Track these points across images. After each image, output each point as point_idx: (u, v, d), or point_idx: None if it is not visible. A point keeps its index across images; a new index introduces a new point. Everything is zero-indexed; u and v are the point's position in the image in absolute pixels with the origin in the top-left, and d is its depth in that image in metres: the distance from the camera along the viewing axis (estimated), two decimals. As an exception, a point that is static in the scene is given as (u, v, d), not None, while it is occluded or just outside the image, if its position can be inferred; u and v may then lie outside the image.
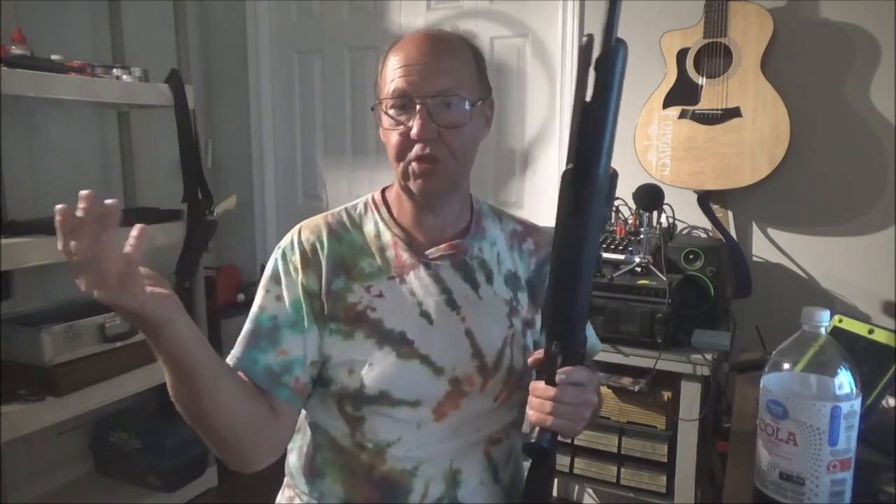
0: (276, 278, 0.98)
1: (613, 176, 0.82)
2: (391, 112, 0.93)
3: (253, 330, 0.96)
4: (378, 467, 0.95)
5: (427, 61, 0.91)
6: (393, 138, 0.93)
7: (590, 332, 1.08)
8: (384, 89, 0.94)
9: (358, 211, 1.04)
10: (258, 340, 0.95)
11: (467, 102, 0.93)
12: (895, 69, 1.91)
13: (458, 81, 0.92)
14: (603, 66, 0.74)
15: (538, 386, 0.86)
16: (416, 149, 0.91)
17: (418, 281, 0.97)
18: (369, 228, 1.01)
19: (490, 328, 0.99)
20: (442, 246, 1.00)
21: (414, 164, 0.93)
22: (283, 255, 0.99)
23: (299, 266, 0.97)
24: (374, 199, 1.05)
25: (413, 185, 0.94)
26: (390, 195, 1.04)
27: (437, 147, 0.91)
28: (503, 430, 1.01)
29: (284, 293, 0.96)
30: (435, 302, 0.97)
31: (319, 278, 0.96)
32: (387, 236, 1.01)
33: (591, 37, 0.73)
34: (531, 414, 0.86)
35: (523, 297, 1.04)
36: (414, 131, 0.90)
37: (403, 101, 0.91)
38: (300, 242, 0.98)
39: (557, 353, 0.84)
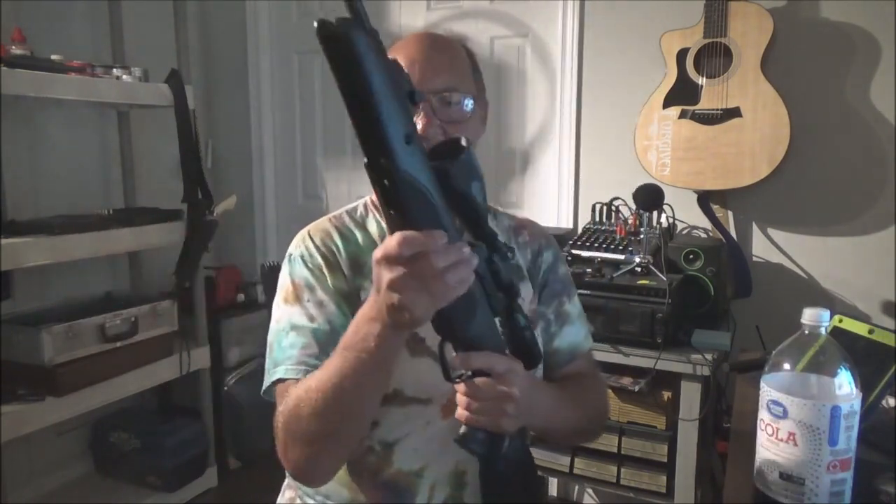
0: (309, 286, 0.95)
1: (454, 148, 0.68)
2: None
3: (316, 343, 0.91)
4: (384, 470, 0.95)
5: (428, 58, 0.93)
6: None
7: (574, 328, 1.08)
8: None
9: (359, 213, 1.04)
10: (325, 352, 0.87)
11: (469, 98, 0.94)
12: (895, 69, 1.91)
13: (458, 78, 0.94)
14: (334, 51, 0.59)
15: (459, 385, 0.81)
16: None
17: None
18: (373, 228, 1.02)
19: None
20: None
21: None
22: (304, 261, 0.97)
23: (325, 269, 0.95)
24: (372, 201, 1.05)
25: None
26: None
27: None
28: None
29: (325, 297, 0.94)
30: None
31: (345, 278, 0.96)
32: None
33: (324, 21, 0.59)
34: (457, 411, 0.82)
35: (525, 288, 1.05)
36: (419, 127, 0.90)
37: None
38: (317, 247, 0.97)
39: (443, 350, 0.78)
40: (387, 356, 0.78)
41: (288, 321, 0.95)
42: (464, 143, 0.67)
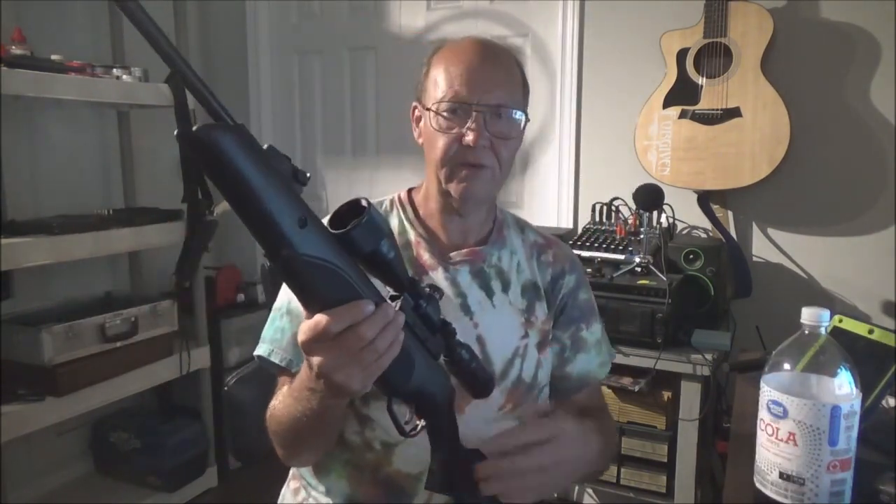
0: None
1: (356, 211, 0.65)
2: (444, 115, 0.94)
3: None
4: (384, 468, 0.96)
5: (487, 70, 0.94)
6: (441, 141, 0.94)
7: (589, 356, 1.08)
8: (435, 92, 0.95)
9: (384, 207, 1.05)
10: None
11: (521, 115, 0.96)
12: (895, 69, 1.91)
13: (512, 94, 0.96)
14: (204, 158, 0.57)
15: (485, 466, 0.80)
16: (468, 155, 0.93)
17: (435, 283, 0.98)
18: (394, 224, 1.03)
19: (502, 336, 0.99)
20: (463, 251, 1.01)
21: (461, 169, 0.94)
22: None
23: None
24: (399, 198, 1.06)
25: (454, 189, 0.96)
26: (417, 196, 1.06)
27: (486, 155, 0.94)
28: None
29: None
30: (450, 305, 0.97)
31: None
32: (410, 235, 1.02)
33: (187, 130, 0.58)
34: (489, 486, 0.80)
35: (541, 308, 1.04)
36: (470, 138, 0.91)
37: (459, 107, 0.93)
38: None
39: (391, 408, 0.76)
40: (332, 414, 0.83)
41: (287, 304, 0.99)
42: (364, 203, 0.65)
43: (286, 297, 1.00)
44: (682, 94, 2.03)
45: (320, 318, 0.63)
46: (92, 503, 2.36)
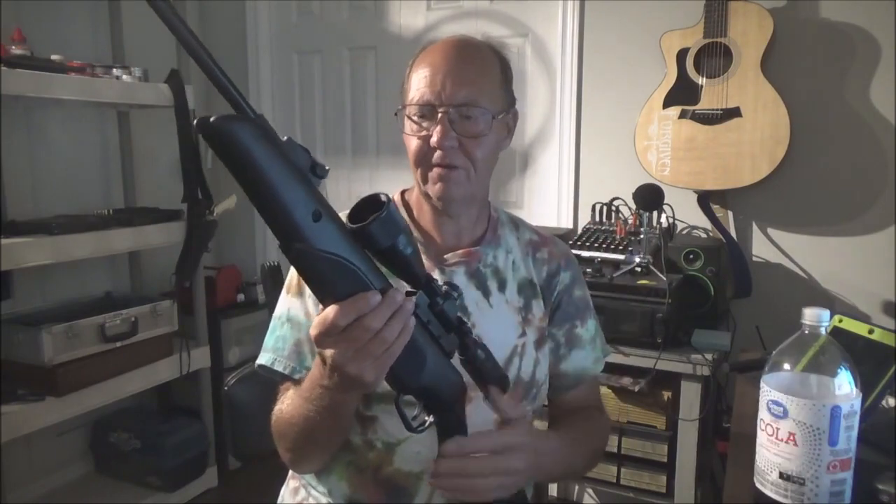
0: None
1: (376, 205, 0.66)
2: (414, 118, 0.94)
3: (308, 340, 0.96)
4: (385, 468, 0.96)
5: (452, 70, 0.93)
6: (413, 144, 0.95)
7: (584, 352, 1.08)
8: (409, 95, 0.96)
9: None
10: (315, 352, 0.93)
11: (489, 114, 0.94)
12: (895, 69, 1.91)
13: (481, 92, 0.94)
14: (220, 148, 0.58)
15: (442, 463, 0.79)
16: (436, 156, 0.93)
17: None
18: None
19: (499, 336, 0.99)
20: (458, 252, 1.01)
21: (433, 171, 0.94)
22: None
23: None
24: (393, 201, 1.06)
25: (430, 191, 0.96)
26: (411, 197, 1.06)
27: (456, 155, 0.93)
28: None
29: None
30: None
31: None
32: None
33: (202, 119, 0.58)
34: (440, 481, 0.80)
35: (537, 305, 1.04)
36: (434, 139, 0.91)
37: (425, 109, 0.93)
38: None
39: (399, 404, 0.76)
40: (345, 411, 0.84)
41: (287, 312, 1.00)
42: (383, 198, 0.66)
43: (285, 305, 1.00)
44: (682, 94, 2.03)
45: (328, 312, 0.64)
46: (92, 503, 2.36)
